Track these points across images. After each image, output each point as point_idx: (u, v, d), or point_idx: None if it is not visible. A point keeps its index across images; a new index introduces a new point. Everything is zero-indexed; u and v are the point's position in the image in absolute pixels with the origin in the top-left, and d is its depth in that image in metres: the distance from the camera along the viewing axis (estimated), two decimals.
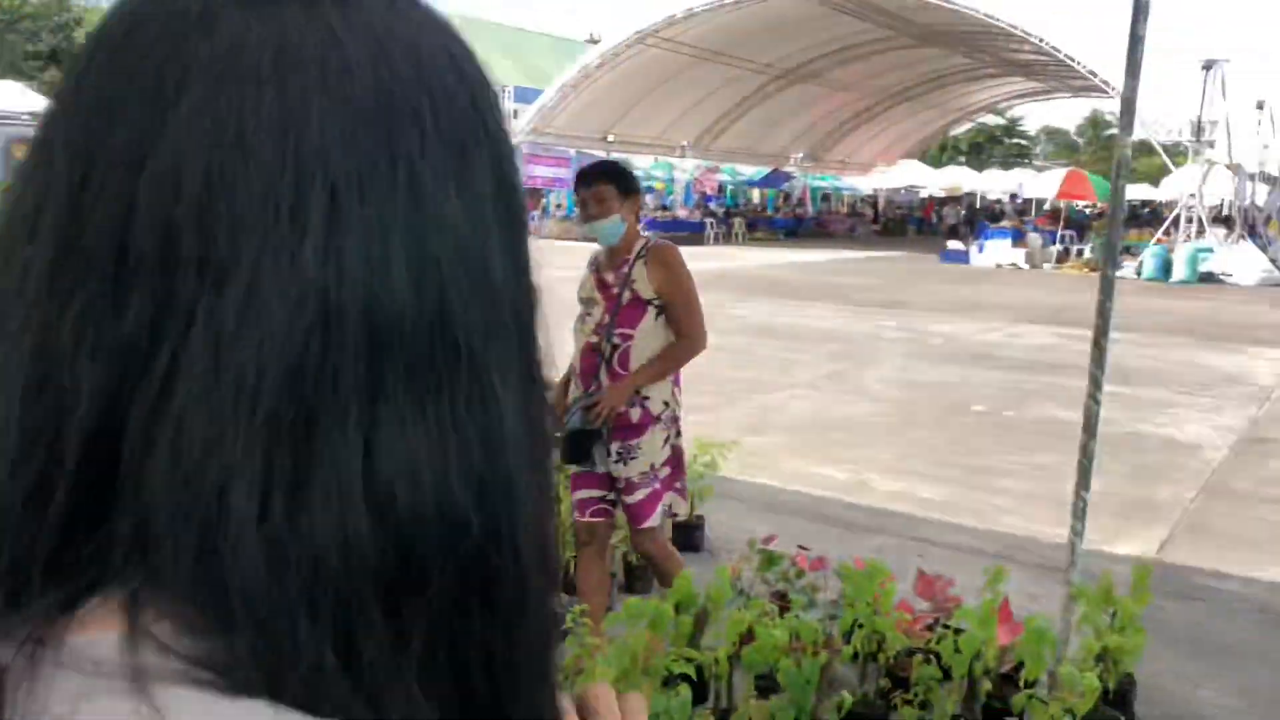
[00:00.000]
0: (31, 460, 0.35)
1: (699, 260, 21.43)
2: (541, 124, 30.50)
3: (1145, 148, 22.70)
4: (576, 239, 30.00)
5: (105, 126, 0.37)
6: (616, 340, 3.20)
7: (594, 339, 3.22)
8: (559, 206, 36.68)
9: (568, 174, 32.81)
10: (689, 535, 4.68)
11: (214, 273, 0.35)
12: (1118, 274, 3.48)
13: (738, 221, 34.17)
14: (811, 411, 7.68)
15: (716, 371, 9.10)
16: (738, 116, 35.41)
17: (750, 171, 41.05)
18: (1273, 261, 22.31)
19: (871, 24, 28.80)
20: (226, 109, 0.36)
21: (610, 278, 3.26)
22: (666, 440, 3.31)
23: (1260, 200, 29.08)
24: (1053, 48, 22.93)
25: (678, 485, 3.42)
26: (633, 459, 3.23)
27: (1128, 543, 4.96)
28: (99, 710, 0.31)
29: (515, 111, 31.81)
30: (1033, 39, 23.33)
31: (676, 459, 3.39)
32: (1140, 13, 3.14)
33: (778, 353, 10.34)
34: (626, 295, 3.21)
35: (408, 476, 0.36)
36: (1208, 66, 20.76)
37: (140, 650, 0.32)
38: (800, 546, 4.16)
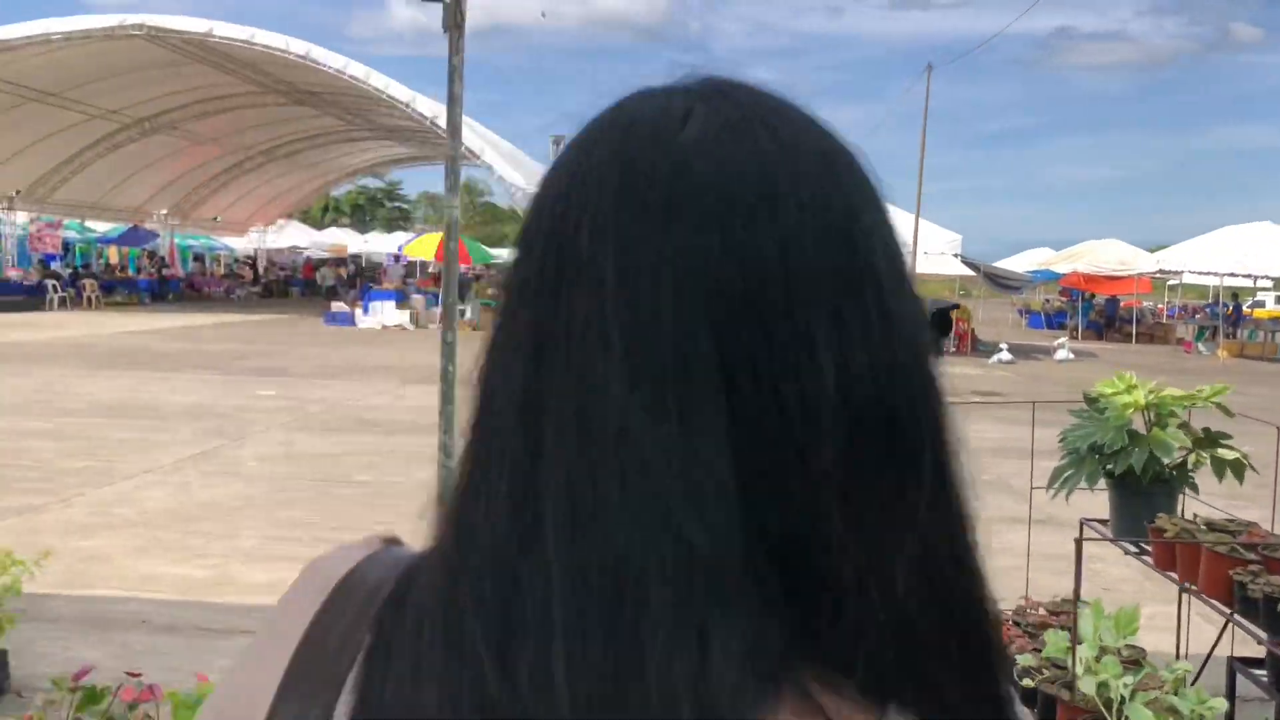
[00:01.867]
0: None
1: (38, 329, 18.69)
2: None
3: (517, 215, 24.76)
4: None
5: (657, 236, 0.42)
6: None
7: None
8: None
9: None
10: None
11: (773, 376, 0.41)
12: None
13: (90, 284, 30.27)
14: (170, 501, 6.71)
15: (46, 463, 7.63)
16: (82, 166, 31.49)
17: (104, 228, 36.82)
18: None
19: (232, 77, 27.61)
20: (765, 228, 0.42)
21: None
22: None
23: None
24: (419, 114, 23.94)
25: None
26: None
27: None
28: None
29: None
30: (400, 105, 24.14)
31: None
32: (455, 72, 3.08)
33: (135, 434, 9.03)
34: None
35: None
36: (557, 142, 23.29)
37: None
38: (129, 673, 3.41)
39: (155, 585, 4.99)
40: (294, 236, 46.62)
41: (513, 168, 23.61)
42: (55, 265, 32.08)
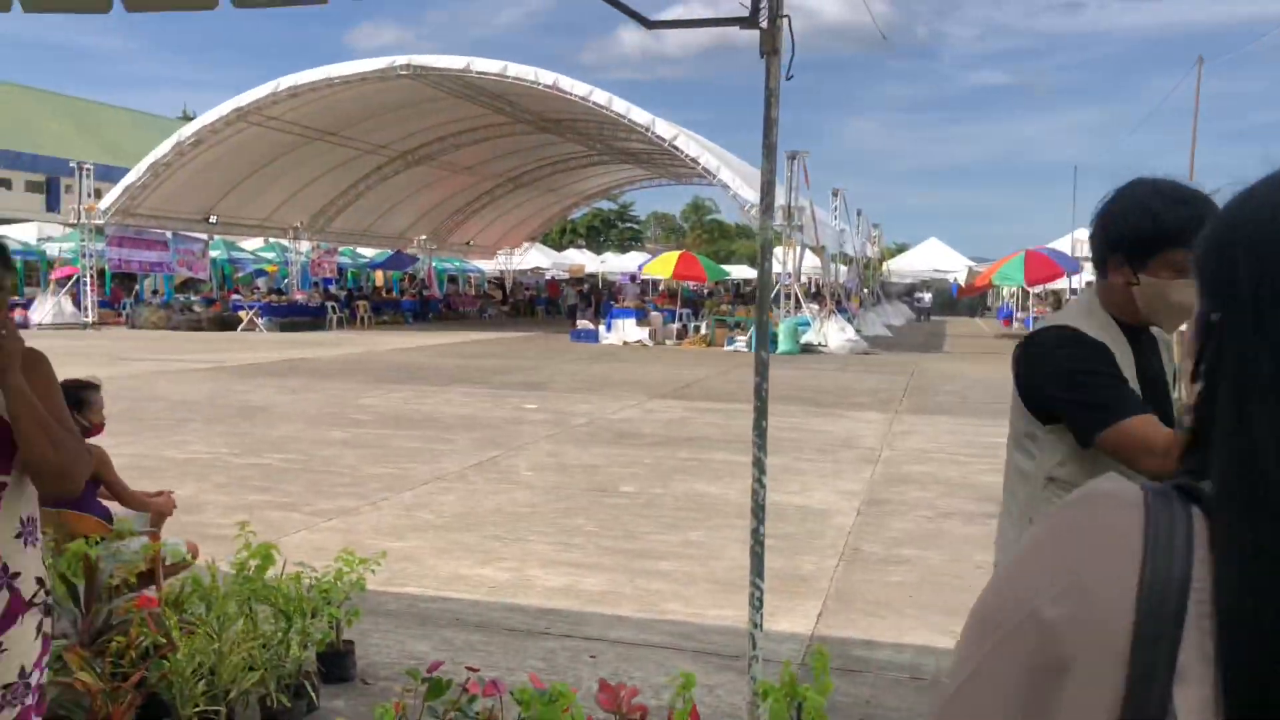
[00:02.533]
0: None
1: (323, 347, 20.47)
2: (130, 204, 27.62)
3: (744, 232, 24.93)
4: (181, 328, 27.42)
5: None
6: None
7: None
8: (155, 293, 33.38)
9: (166, 257, 29.96)
10: (338, 665, 4.02)
11: None
12: (731, 348, 3.45)
13: (362, 305, 33.01)
14: (462, 506, 7.20)
15: (352, 469, 8.38)
16: (354, 198, 34.44)
17: (372, 254, 40.06)
18: (857, 332, 25.32)
19: (485, 109, 29.36)
20: None
21: None
22: (40, 631, 2.23)
23: (842, 278, 33.11)
24: (659, 136, 24.59)
25: (42, 706, 2.30)
26: None
27: (787, 619, 4.98)
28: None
29: (98, 190, 28.59)
30: (640, 128, 24.88)
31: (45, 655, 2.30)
32: (771, 96, 3.14)
33: (420, 443, 9.76)
34: None
35: None
36: (792, 157, 23.31)
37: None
38: (469, 668, 3.69)
39: (462, 585, 5.36)
40: (536, 258, 48.93)
41: (747, 185, 23.71)
42: (332, 288, 35.20)
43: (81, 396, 4.29)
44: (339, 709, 3.73)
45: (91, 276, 28.18)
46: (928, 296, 49.76)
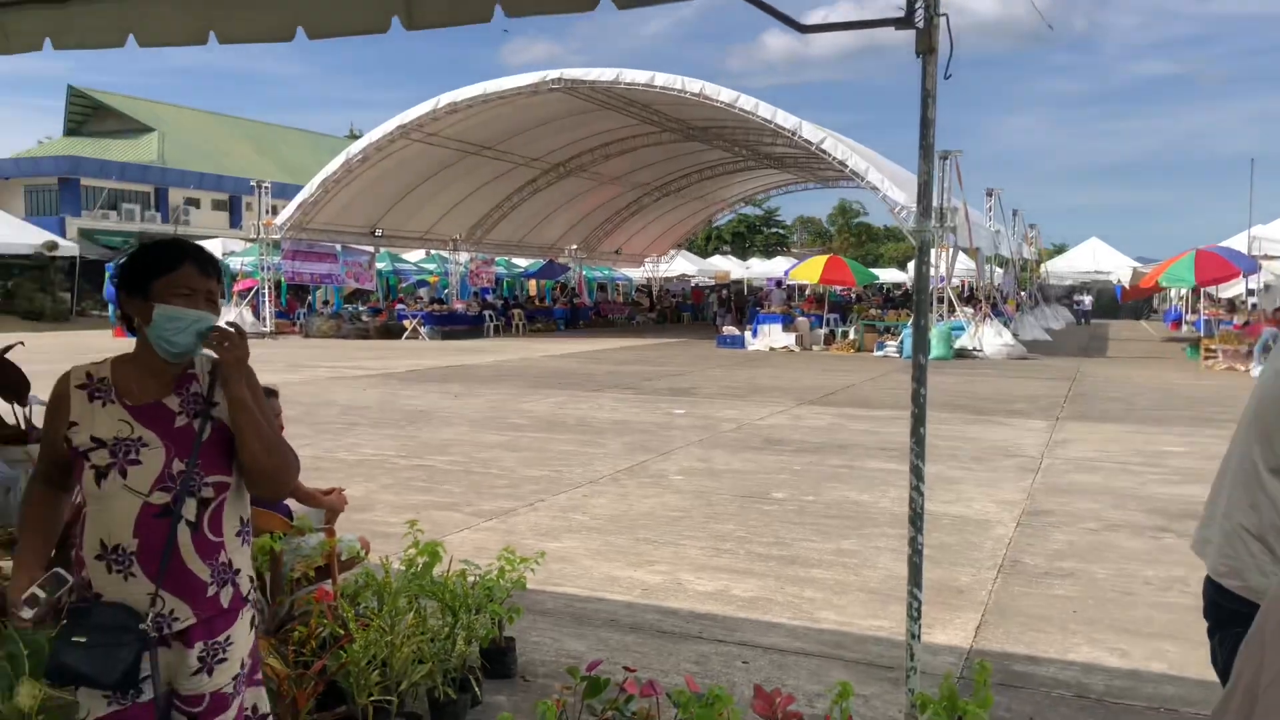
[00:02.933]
0: None
1: (481, 354, 21.17)
2: (303, 219, 29.30)
3: (892, 235, 24.41)
4: (350, 336, 28.90)
5: None
6: (208, 493, 2.17)
7: (158, 497, 2.10)
8: (326, 303, 35.24)
9: (336, 269, 31.62)
10: (499, 661, 4.18)
11: None
12: (881, 353, 3.41)
13: (517, 313, 33.99)
14: (615, 509, 7.35)
15: (510, 472, 8.66)
16: (509, 210, 35.51)
17: (525, 264, 41.20)
18: (1014, 336, 24.41)
19: (634, 119, 29.76)
20: None
21: (172, 403, 2.18)
22: (252, 624, 2.32)
23: (998, 280, 31.98)
24: (805, 140, 24.39)
25: (257, 678, 2.40)
26: (223, 661, 2.19)
27: (943, 631, 4.88)
28: None
29: (274, 207, 30.45)
30: (786, 132, 24.73)
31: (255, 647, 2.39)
32: (928, 96, 3.10)
33: (574, 447, 10.01)
34: (208, 427, 2.19)
35: None
36: (944, 157, 22.68)
37: None
38: (626, 668, 3.78)
39: (616, 587, 5.48)
40: (683, 265, 49.23)
41: (897, 186, 23.21)
42: (489, 297, 36.37)
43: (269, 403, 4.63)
44: (501, 704, 3.88)
45: (269, 288, 30.03)
46: (1089, 299, 47.51)
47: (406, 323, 29.79)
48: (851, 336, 25.59)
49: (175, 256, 2.20)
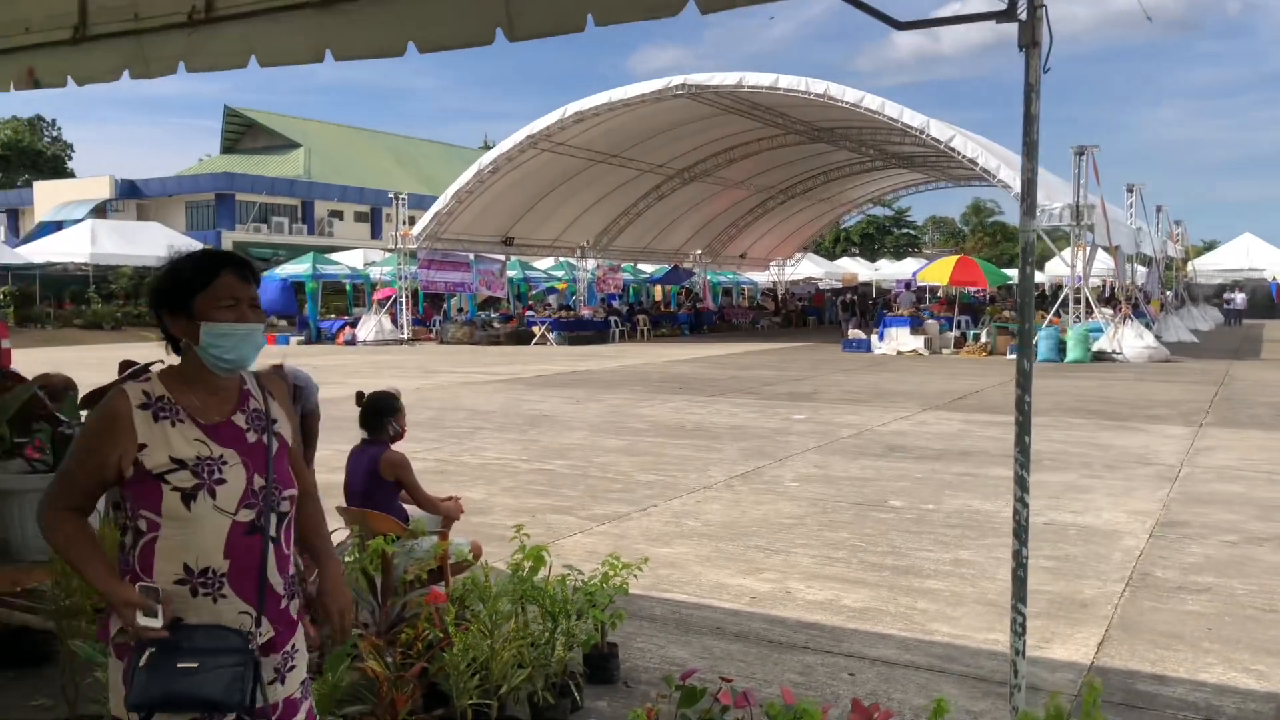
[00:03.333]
0: None
1: (604, 359, 21.45)
2: (438, 229, 30.29)
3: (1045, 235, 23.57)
4: (482, 343, 29.71)
5: None
6: (285, 507, 2.19)
7: (244, 515, 2.10)
8: (460, 311, 36.29)
9: (468, 277, 32.55)
10: (602, 666, 4.24)
11: None
12: (1014, 356, 3.31)
13: (642, 319, 34.29)
14: (727, 515, 7.35)
15: (626, 476, 8.77)
16: (635, 216, 35.85)
17: (651, 269, 41.51)
18: (1157, 338, 23.20)
19: (757, 122, 29.63)
20: None
21: (240, 420, 2.18)
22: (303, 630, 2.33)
23: (1140, 280, 30.46)
24: (934, 139, 23.81)
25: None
26: (293, 668, 2.22)
27: (1062, 646, 4.70)
28: None
29: (411, 218, 31.57)
30: (914, 131, 24.20)
31: None
32: (1031, 91, 3.01)
33: (690, 452, 10.04)
34: (274, 441, 2.21)
35: None
36: (1080, 152, 21.76)
37: None
38: (723, 678, 3.78)
39: (723, 594, 5.48)
40: (809, 268, 48.68)
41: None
42: (615, 303, 36.79)
43: (396, 405, 4.85)
44: (601, 710, 3.94)
45: (406, 297, 31.15)
46: (1240, 298, 44.59)
47: (535, 329, 30.43)
48: (983, 339, 24.80)
49: (212, 267, 2.14)
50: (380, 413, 4.82)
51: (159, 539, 2.05)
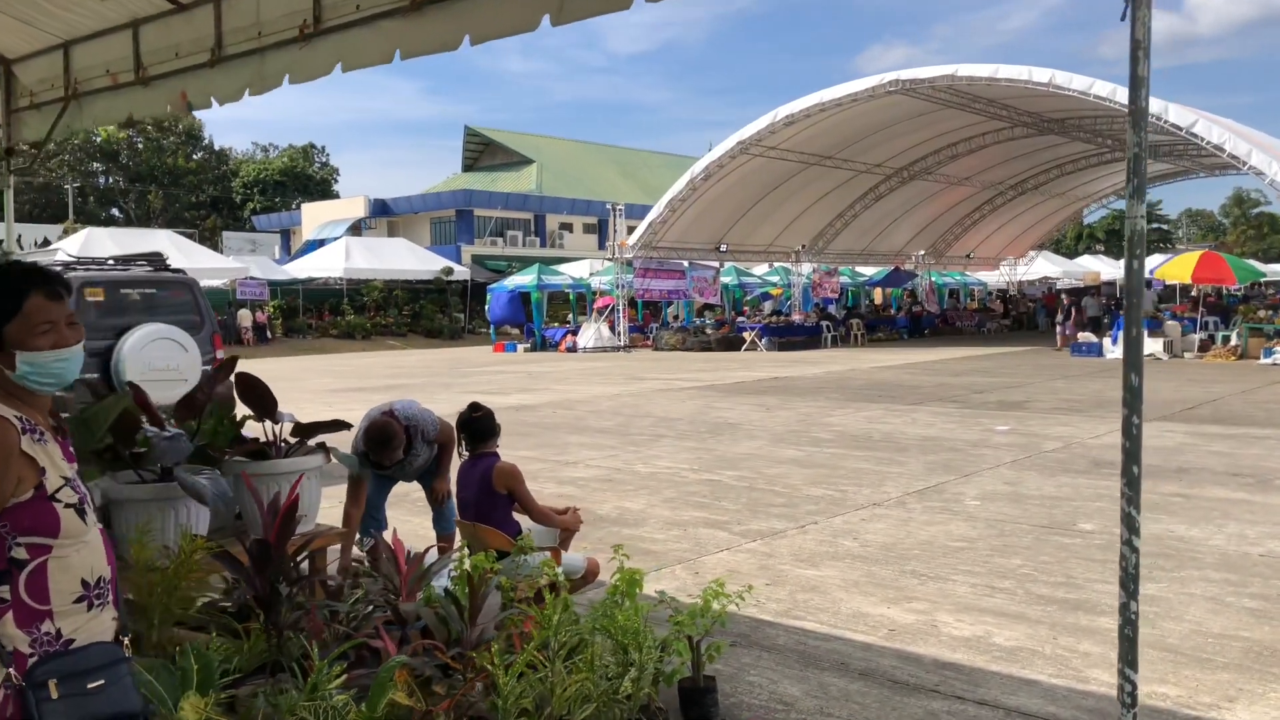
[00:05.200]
0: None
1: (810, 365, 21.03)
2: (652, 238, 30.69)
3: None
4: (693, 349, 29.80)
5: None
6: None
7: (96, 517, 2.14)
8: (676, 318, 36.62)
9: (683, 284, 32.79)
10: (696, 702, 3.97)
11: None
12: (1269, 360, 2.80)
13: (855, 323, 33.33)
14: (890, 535, 6.88)
15: (793, 490, 8.42)
16: (851, 218, 34.89)
17: (871, 272, 40.26)
18: None
19: (980, 116, 28.08)
20: None
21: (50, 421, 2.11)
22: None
23: None
24: (1173, 125, 21.66)
25: None
26: None
27: (1249, 708, 4.02)
28: None
29: (631, 228, 32.18)
30: (1150, 118, 22.11)
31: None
32: (1138, 48, 2.55)
33: (870, 465, 9.55)
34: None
35: None
36: None
37: None
38: None
39: (860, 624, 5.09)
40: (1044, 267, 45.68)
41: None
42: (832, 308, 35.97)
43: (495, 428, 4.87)
44: None
45: (623, 305, 31.77)
46: None
47: (745, 335, 30.22)
48: (1233, 341, 22.26)
49: (17, 291, 1.99)
50: (482, 436, 4.83)
51: (51, 561, 1.97)
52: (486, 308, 36.72)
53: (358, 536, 5.72)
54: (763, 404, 14.88)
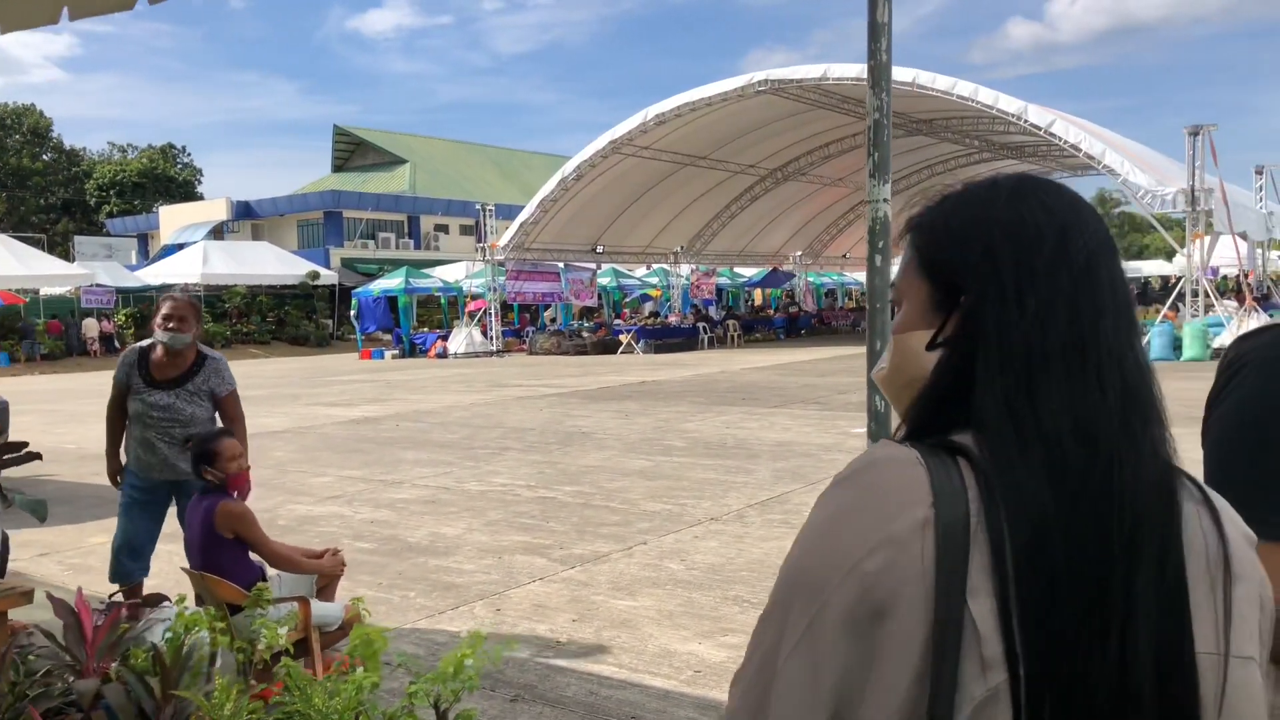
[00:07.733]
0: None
1: (680, 368, 20.46)
2: (524, 239, 29.95)
3: (1159, 222, 21.48)
4: (569, 353, 29.17)
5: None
6: None
7: None
8: (553, 321, 35.95)
9: (558, 287, 32.13)
10: None
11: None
12: None
13: (731, 324, 33.22)
14: (721, 555, 6.39)
15: (630, 506, 7.88)
16: (729, 219, 34.83)
17: (750, 273, 40.34)
18: None
19: (851, 116, 28.24)
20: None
21: None
22: None
23: (1276, 268, 27.72)
24: (1033, 125, 22.08)
25: None
26: None
27: None
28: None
29: (504, 229, 31.34)
30: (1010, 118, 22.51)
31: None
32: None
33: (716, 474, 9.09)
34: None
35: None
36: (1194, 133, 19.71)
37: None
38: None
39: (665, 666, 4.55)
40: None
41: (1141, 170, 20.48)
42: (712, 309, 35.82)
43: (215, 450, 4.12)
44: None
45: (496, 308, 30.92)
46: None
47: (621, 338, 29.77)
48: None
49: None
50: (198, 459, 4.10)
51: None
52: (353, 313, 35.39)
53: (116, 587, 4.96)
54: (623, 410, 14.35)
